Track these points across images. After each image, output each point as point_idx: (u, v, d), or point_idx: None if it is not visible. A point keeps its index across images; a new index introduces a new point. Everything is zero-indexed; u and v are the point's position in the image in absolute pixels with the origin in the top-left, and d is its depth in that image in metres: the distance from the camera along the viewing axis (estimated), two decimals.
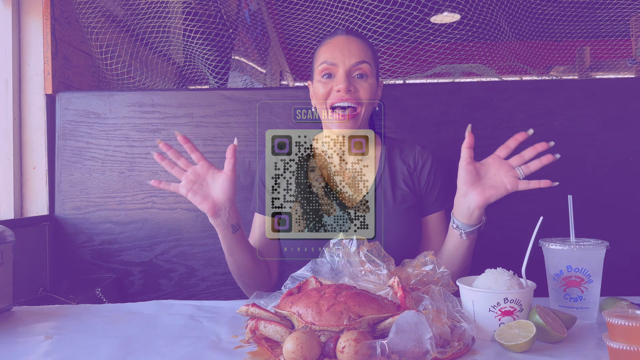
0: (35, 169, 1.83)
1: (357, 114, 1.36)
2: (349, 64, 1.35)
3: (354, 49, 1.37)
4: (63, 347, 0.93)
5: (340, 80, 1.35)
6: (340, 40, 1.40)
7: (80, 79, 2.02)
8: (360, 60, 1.36)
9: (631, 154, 1.73)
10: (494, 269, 0.99)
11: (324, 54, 1.39)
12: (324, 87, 1.37)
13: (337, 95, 1.35)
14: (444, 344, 0.85)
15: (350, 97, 1.34)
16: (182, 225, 1.79)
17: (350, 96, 1.34)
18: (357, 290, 0.94)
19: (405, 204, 1.41)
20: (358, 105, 1.36)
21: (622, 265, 1.71)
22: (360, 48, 1.38)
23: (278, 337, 0.89)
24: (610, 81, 1.82)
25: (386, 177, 1.44)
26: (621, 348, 0.77)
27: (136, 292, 1.79)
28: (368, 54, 1.39)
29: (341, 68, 1.35)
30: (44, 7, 1.82)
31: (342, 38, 1.40)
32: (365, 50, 1.39)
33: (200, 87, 2.67)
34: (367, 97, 1.37)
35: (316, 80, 1.41)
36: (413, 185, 1.45)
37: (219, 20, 2.65)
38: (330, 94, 1.37)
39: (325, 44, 1.42)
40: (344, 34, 1.41)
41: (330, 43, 1.40)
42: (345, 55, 1.36)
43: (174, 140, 1.80)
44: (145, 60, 2.35)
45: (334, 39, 1.41)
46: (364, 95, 1.36)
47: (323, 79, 1.38)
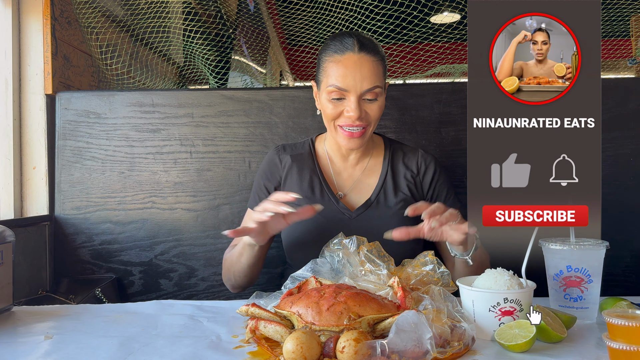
0: (35, 169, 1.83)
1: (365, 132, 1.33)
2: (361, 90, 1.29)
3: (367, 73, 1.30)
4: (63, 347, 0.93)
5: (351, 107, 1.29)
6: (352, 61, 1.30)
7: (80, 79, 2.02)
8: (372, 86, 1.30)
9: (631, 154, 1.73)
10: (494, 269, 0.99)
11: (334, 75, 1.31)
12: (333, 109, 1.32)
13: (347, 121, 1.31)
14: (444, 344, 0.85)
15: (360, 123, 1.31)
16: (182, 225, 1.79)
17: (360, 122, 1.31)
18: (357, 290, 0.94)
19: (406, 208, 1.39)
20: (367, 125, 1.33)
21: (622, 265, 1.71)
22: (372, 70, 1.30)
23: (278, 337, 0.89)
24: (610, 81, 1.82)
25: (389, 181, 1.43)
26: (621, 348, 0.77)
27: (136, 292, 1.79)
28: (380, 73, 1.33)
29: (353, 95, 1.29)
30: (44, 7, 1.82)
31: (353, 58, 1.30)
32: (377, 70, 1.32)
33: (200, 87, 2.67)
34: (377, 117, 1.34)
35: (324, 97, 1.34)
36: (416, 190, 1.44)
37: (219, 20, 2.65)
38: (340, 116, 1.33)
39: (335, 61, 1.32)
40: (356, 52, 1.31)
41: (341, 62, 1.31)
42: (357, 80, 1.29)
43: (173, 140, 1.80)
44: (145, 60, 2.35)
45: (345, 57, 1.31)
46: (374, 117, 1.33)
47: (332, 101, 1.32)
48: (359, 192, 1.43)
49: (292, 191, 1.41)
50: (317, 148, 1.50)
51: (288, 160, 1.46)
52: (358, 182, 1.44)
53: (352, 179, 1.45)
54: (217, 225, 1.78)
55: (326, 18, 2.40)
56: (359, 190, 1.44)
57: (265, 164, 1.50)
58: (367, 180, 1.44)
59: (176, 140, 1.80)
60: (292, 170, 1.45)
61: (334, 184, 1.45)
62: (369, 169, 1.46)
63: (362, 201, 1.41)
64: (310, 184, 1.43)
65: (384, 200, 1.41)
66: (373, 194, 1.42)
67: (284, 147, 1.50)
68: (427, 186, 1.45)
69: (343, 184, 1.45)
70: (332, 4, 2.33)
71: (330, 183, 1.44)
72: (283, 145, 1.52)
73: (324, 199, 1.41)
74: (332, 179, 1.45)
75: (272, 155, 1.50)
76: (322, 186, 1.43)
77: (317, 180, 1.44)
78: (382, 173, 1.44)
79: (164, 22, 2.25)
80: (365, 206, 1.40)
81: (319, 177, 1.44)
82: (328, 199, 1.41)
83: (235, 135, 1.79)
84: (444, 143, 1.76)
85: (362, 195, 1.43)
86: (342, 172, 1.46)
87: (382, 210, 1.40)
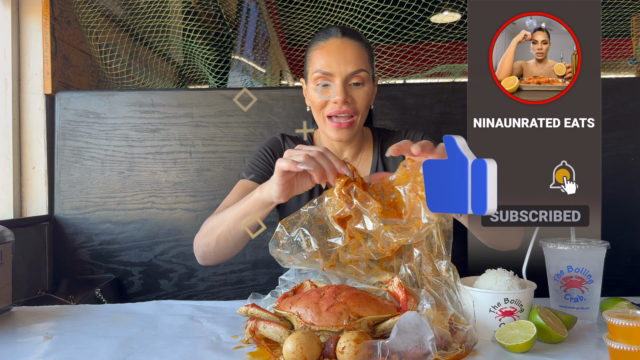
0: (35, 169, 1.83)
1: (353, 122, 1.32)
2: (346, 73, 1.29)
3: (350, 56, 1.30)
4: (63, 347, 0.93)
5: (336, 91, 1.29)
6: (335, 45, 1.32)
7: (79, 79, 2.01)
8: (357, 69, 1.30)
9: (631, 154, 1.72)
10: (494, 269, 0.99)
11: (318, 60, 1.32)
12: (320, 97, 1.32)
13: (334, 107, 1.30)
14: (445, 346, 0.85)
15: (347, 108, 1.30)
16: (181, 225, 1.79)
17: (347, 107, 1.30)
18: (357, 291, 0.93)
19: None
20: (355, 114, 1.32)
21: (623, 265, 1.71)
22: (356, 53, 1.31)
23: (277, 337, 0.88)
24: (610, 81, 1.82)
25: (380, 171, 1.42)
26: (622, 348, 0.77)
27: (136, 293, 1.79)
28: (365, 58, 1.33)
29: (337, 78, 1.29)
30: (44, 7, 1.82)
31: (337, 42, 1.32)
32: (361, 54, 1.33)
33: (200, 87, 2.67)
34: (365, 105, 1.33)
35: (311, 87, 1.35)
36: None
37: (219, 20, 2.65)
38: (327, 104, 1.32)
39: (319, 47, 1.34)
40: (339, 37, 1.33)
41: (325, 48, 1.33)
42: (341, 63, 1.30)
43: (173, 140, 1.80)
44: (145, 60, 2.35)
45: (328, 43, 1.33)
46: (361, 104, 1.32)
47: (318, 88, 1.32)
48: None
49: None
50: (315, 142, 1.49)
51: (292, 146, 1.43)
52: None
53: None
54: None
55: (326, 18, 2.40)
56: None
57: (270, 143, 1.46)
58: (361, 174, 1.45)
59: (176, 140, 1.80)
60: None
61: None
62: (362, 162, 1.45)
63: None
64: None
65: None
66: None
67: (288, 137, 1.48)
68: None
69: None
70: (332, 4, 2.33)
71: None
72: (285, 134, 1.49)
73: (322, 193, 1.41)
74: None
75: (276, 140, 1.47)
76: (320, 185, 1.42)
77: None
78: (373, 164, 1.44)
79: (163, 21, 2.25)
80: None
81: None
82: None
83: (235, 135, 1.79)
84: None
85: None
86: None
87: None
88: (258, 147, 1.48)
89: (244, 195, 1.31)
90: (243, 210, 1.17)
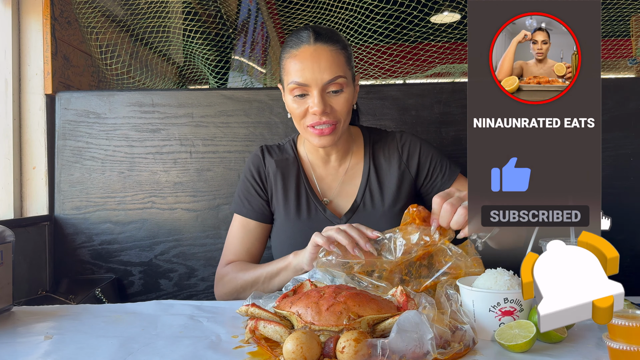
0: (35, 169, 1.83)
1: (335, 128, 1.27)
2: (322, 82, 1.23)
3: (325, 63, 1.23)
4: (63, 347, 0.93)
5: (314, 102, 1.23)
6: (308, 53, 1.24)
7: (80, 79, 2.02)
8: (334, 76, 1.23)
9: (631, 154, 1.73)
10: (494, 269, 0.99)
11: (293, 71, 1.25)
12: (298, 108, 1.26)
13: (314, 118, 1.25)
14: (444, 345, 0.85)
15: (327, 119, 1.24)
16: (182, 225, 1.79)
17: (327, 118, 1.24)
18: (357, 291, 0.94)
19: (397, 204, 1.36)
20: (336, 122, 1.26)
21: (622, 265, 1.71)
22: (331, 59, 1.24)
23: (278, 337, 0.88)
24: (610, 81, 1.82)
25: (373, 180, 1.38)
26: (621, 348, 0.77)
27: (136, 292, 1.79)
28: (341, 62, 1.26)
29: (314, 89, 1.23)
30: (44, 7, 1.82)
31: (309, 50, 1.24)
32: (337, 59, 1.25)
33: (200, 87, 2.67)
34: (345, 111, 1.27)
35: (289, 99, 1.28)
36: (409, 174, 1.38)
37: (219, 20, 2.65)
38: (307, 114, 1.26)
39: (292, 56, 1.26)
40: (311, 43, 1.25)
41: (297, 56, 1.25)
42: (316, 72, 1.22)
43: (173, 140, 1.80)
44: (145, 60, 2.35)
45: (301, 51, 1.25)
46: (342, 111, 1.26)
47: (296, 99, 1.26)
48: (345, 197, 1.39)
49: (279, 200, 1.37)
50: (300, 152, 1.44)
51: (272, 165, 1.40)
52: (342, 186, 1.40)
53: (336, 183, 1.40)
54: (217, 225, 1.78)
55: (326, 18, 2.40)
56: (345, 194, 1.39)
57: (252, 167, 1.43)
58: (351, 182, 1.39)
59: (176, 140, 1.80)
60: (277, 177, 1.39)
61: (318, 191, 1.40)
62: (351, 169, 1.40)
63: (349, 206, 1.37)
64: (297, 193, 1.38)
65: (371, 202, 1.37)
66: (358, 195, 1.37)
67: (268, 150, 1.43)
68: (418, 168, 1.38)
69: (327, 190, 1.40)
70: (332, 4, 2.33)
71: (315, 190, 1.40)
72: (266, 147, 1.45)
73: (310, 208, 1.37)
74: (316, 186, 1.40)
75: (256, 159, 1.43)
76: (307, 195, 1.38)
77: (303, 188, 1.39)
78: (365, 173, 1.39)
79: (163, 22, 2.25)
80: (352, 211, 1.36)
81: (305, 186, 1.39)
82: (315, 208, 1.37)
83: (235, 135, 1.79)
84: (444, 143, 1.76)
85: (348, 199, 1.38)
86: (325, 178, 1.41)
87: (370, 212, 1.36)
88: (242, 173, 1.45)
89: (248, 236, 1.40)
90: (276, 273, 1.26)
